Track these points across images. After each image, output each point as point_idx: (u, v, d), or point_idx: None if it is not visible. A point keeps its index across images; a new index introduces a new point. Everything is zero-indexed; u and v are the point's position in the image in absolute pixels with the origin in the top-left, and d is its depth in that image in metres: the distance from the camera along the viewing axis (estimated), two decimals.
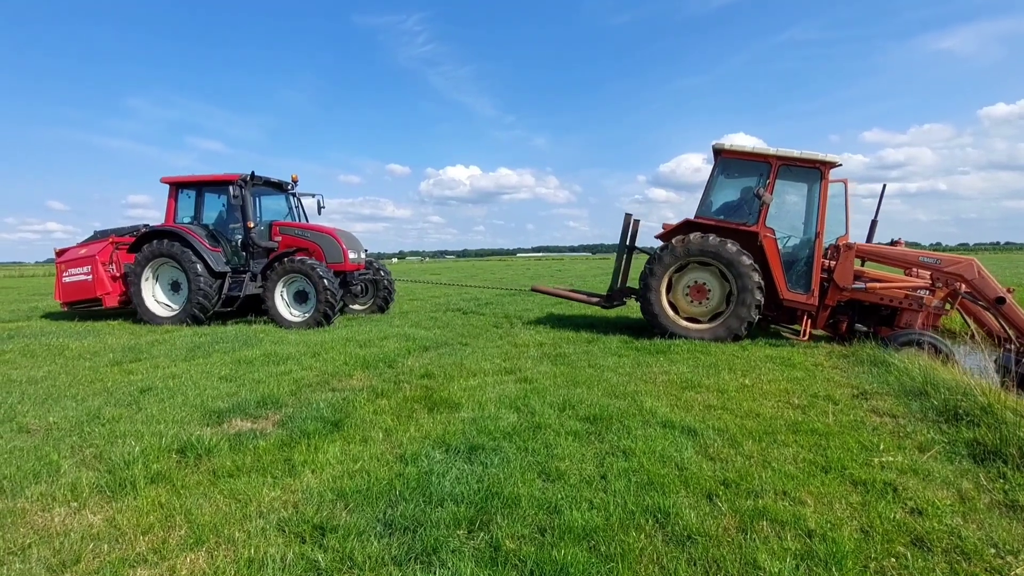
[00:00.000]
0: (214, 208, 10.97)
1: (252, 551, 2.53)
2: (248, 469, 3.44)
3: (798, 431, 4.13)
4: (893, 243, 8.57)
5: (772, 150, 7.97)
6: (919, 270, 7.89)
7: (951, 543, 2.63)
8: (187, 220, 10.87)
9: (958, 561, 2.50)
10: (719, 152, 8.32)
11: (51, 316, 11.59)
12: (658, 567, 2.46)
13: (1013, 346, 6.79)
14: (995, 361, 6.52)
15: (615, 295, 9.15)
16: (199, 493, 3.14)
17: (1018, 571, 2.42)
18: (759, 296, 7.73)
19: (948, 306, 7.63)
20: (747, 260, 7.76)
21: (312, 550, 2.56)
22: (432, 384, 5.51)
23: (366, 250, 11.55)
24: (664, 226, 8.58)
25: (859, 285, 7.69)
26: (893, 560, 2.50)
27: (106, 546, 2.63)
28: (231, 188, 9.98)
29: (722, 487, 3.21)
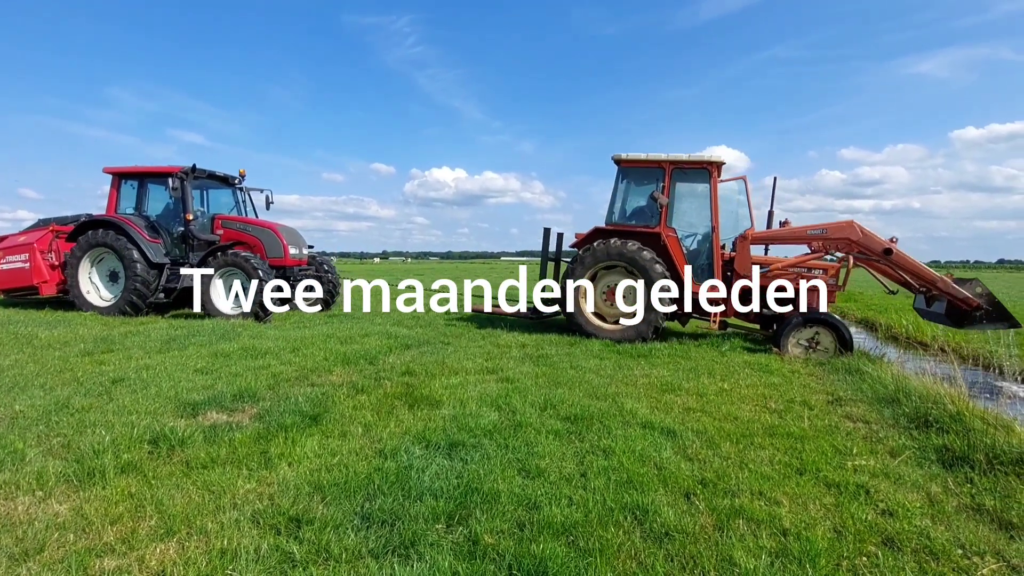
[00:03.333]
0: (161, 200, 10.86)
1: (225, 542, 2.48)
2: (223, 461, 3.37)
3: (774, 434, 4.19)
4: (782, 225, 8.93)
5: (664, 156, 8.52)
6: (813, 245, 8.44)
7: (920, 543, 2.69)
8: (130, 211, 10.78)
9: (927, 561, 2.56)
10: (618, 162, 8.88)
11: (18, 305, 11.23)
12: (636, 562, 2.47)
13: (924, 290, 7.75)
14: (913, 306, 7.64)
15: (539, 307, 9.58)
16: (171, 484, 3.06)
17: (984, 571, 2.49)
18: (668, 294, 8.17)
19: (840, 283, 8.19)
20: (649, 257, 8.24)
21: (287, 542, 2.52)
22: (413, 381, 5.47)
23: (311, 246, 11.61)
24: (577, 235, 9.10)
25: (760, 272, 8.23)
26: (865, 559, 2.55)
27: (72, 535, 2.55)
28: (170, 180, 9.97)
29: (700, 486, 3.24)
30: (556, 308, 9.37)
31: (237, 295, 9.94)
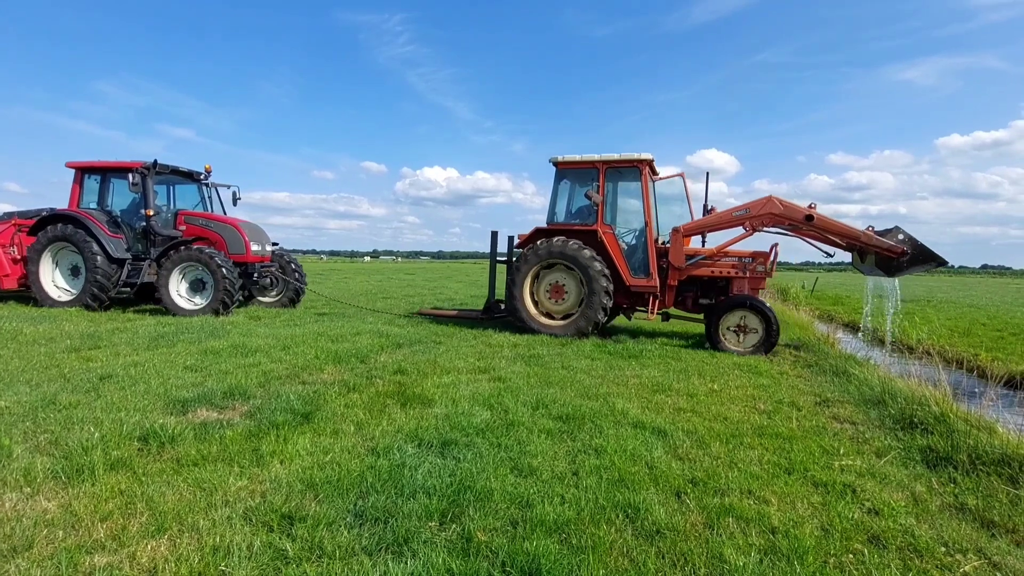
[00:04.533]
0: (125, 195, 10.78)
1: (217, 539, 2.47)
2: (214, 458, 3.36)
3: (763, 434, 4.25)
4: (708, 212, 9.27)
5: (597, 156, 8.84)
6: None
7: (905, 541, 2.74)
8: (93, 206, 10.73)
9: (911, 558, 2.61)
10: (556, 164, 9.20)
11: (2, 300, 11.06)
12: (628, 560, 2.49)
13: (851, 247, 8.07)
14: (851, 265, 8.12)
15: (492, 307, 9.97)
16: (162, 481, 3.04)
17: (966, 568, 2.54)
18: (607, 285, 8.45)
19: (769, 269, 8.52)
20: (587, 253, 8.49)
21: (280, 539, 2.51)
22: (405, 380, 5.46)
23: (276, 243, 11.71)
24: (519, 236, 9.36)
25: (692, 263, 8.65)
26: (851, 556, 2.60)
27: (61, 532, 2.52)
28: (130, 175, 9.93)
29: (690, 485, 3.27)
30: (500, 311, 9.67)
31: (198, 290, 10.00)
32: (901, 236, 7.78)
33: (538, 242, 8.87)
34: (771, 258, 8.47)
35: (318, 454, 3.48)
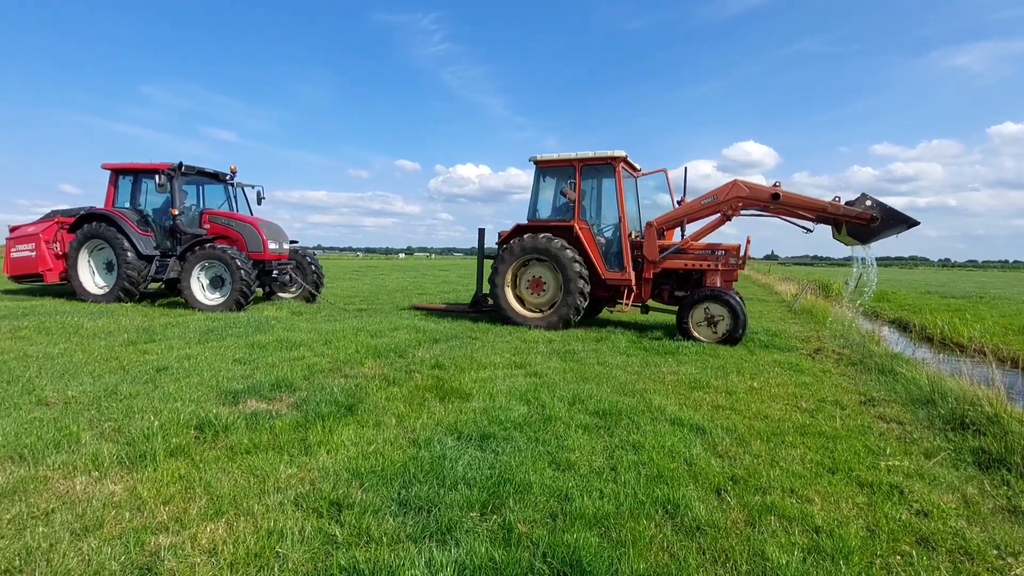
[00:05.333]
0: (157, 195, 11.32)
1: (271, 523, 2.60)
2: (265, 447, 3.51)
3: (806, 433, 4.17)
4: (679, 204, 9.36)
5: (573, 154, 9.14)
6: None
7: (955, 544, 2.67)
8: (126, 205, 11.35)
9: (961, 561, 2.54)
10: (535, 163, 9.52)
11: (62, 295, 11.73)
12: (668, 554, 2.51)
13: (822, 220, 8.13)
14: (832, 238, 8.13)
15: (480, 300, 10.30)
16: (218, 468, 3.21)
17: (1019, 571, 2.46)
18: (582, 282, 8.72)
19: (741, 260, 8.73)
20: (566, 250, 8.78)
21: (329, 524, 2.62)
22: (443, 375, 5.57)
23: (295, 241, 12.18)
24: (501, 233, 9.70)
25: (665, 255, 8.88)
26: (898, 557, 2.54)
27: (128, 513, 2.70)
28: (157, 176, 10.48)
29: (730, 483, 3.25)
30: (488, 305, 9.99)
31: (218, 287, 10.48)
32: (869, 203, 7.86)
33: (518, 238, 9.21)
34: (744, 250, 8.69)
35: (362, 445, 3.60)
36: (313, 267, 12.26)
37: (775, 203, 8.22)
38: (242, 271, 9.92)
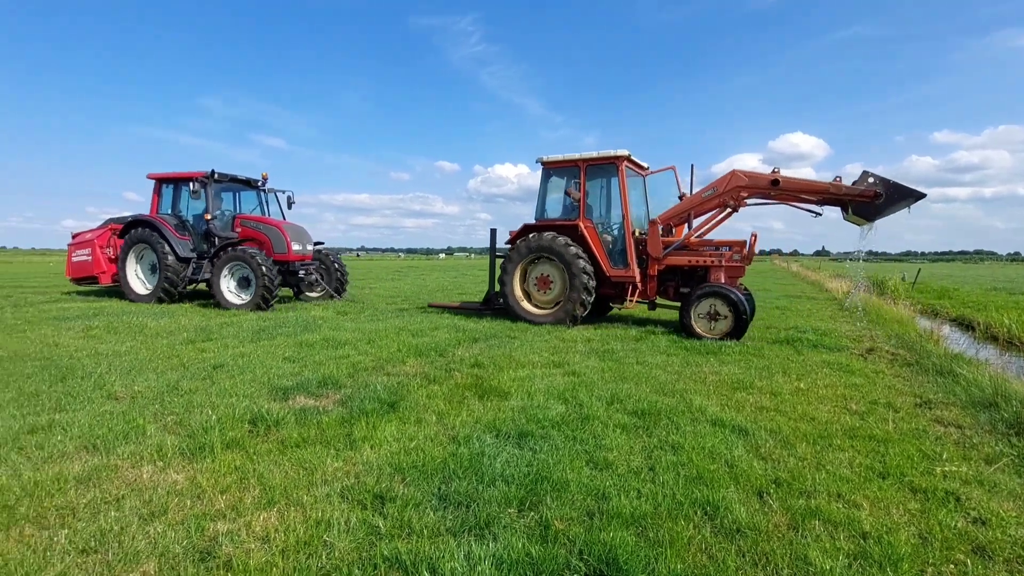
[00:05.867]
0: (196, 202, 12.05)
1: (319, 513, 2.73)
2: (313, 441, 3.68)
3: (855, 436, 4.03)
4: (680, 199, 9.41)
5: (578, 155, 9.33)
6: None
7: (1014, 553, 2.53)
8: (167, 211, 12.16)
9: (1020, 571, 2.41)
10: (542, 164, 9.76)
11: (96, 294, 12.49)
12: (706, 556, 2.49)
13: (827, 201, 8.08)
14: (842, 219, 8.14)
15: (492, 298, 10.46)
16: (269, 460, 3.38)
17: None
18: (586, 278, 8.86)
19: (747, 256, 8.70)
20: (571, 248, 8.96)
21: (373, 516, 2.73)
22: (482, 373, 5.66)
23: (320, 243, 12.71)
24: (510, 232, 9.91)
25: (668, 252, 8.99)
26: (952, 566, 2.44)
27: (189, 501, 2.88)
28: (191, 184, 11.20)
29: (773, 485, 3.18)
30: (499, 303, 10.21)
31: (244, 287, 11.03)
32: (871, 179, 7.78)
33: (526, 237, 9.43)
34: (748, 246, 8.68)
35: (404, 440, 3.72)
36: (337, 267, 12.78)
37: (776, 189, 8.23)
38: (264, 272, 10.45)
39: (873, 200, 7.70)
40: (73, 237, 13.54)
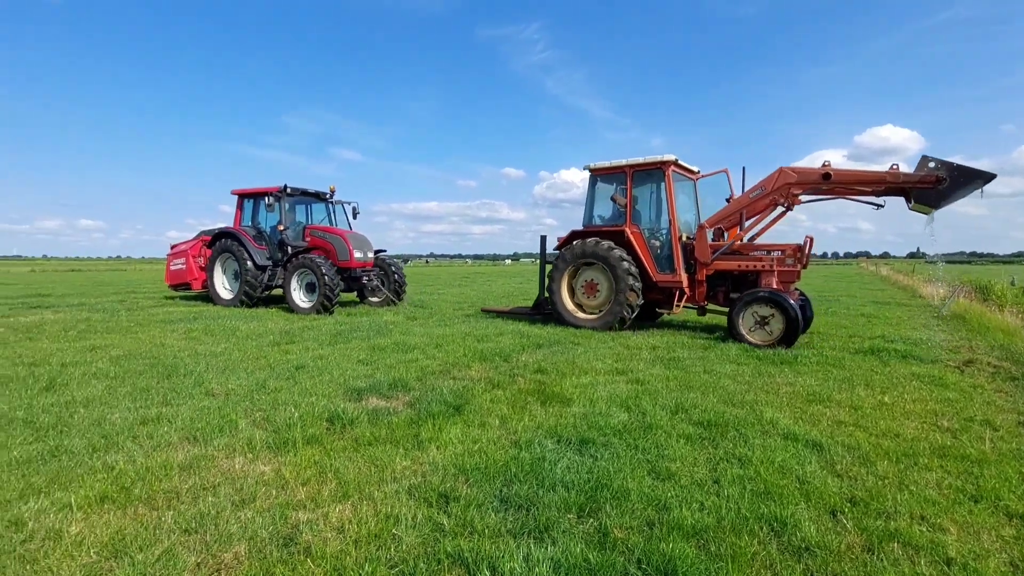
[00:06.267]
0: (273, 215, 13.10)
1: (389, 508, 2.91)
2: (383, 440, 3.90)
3: (945, 456, 3.73)
4: (727, 202, 9.26)
5: (625, 161, 9.40)
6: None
7: None
8: (248, 224, 13.34)
9: None
10: (590, 171, 9.89)
11: (187, 299, 13.63)
12: (770, 572, 2.42)
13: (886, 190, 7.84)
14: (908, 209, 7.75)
15: (542, 303, 10.53)
16: (344, 456, 3.62)
17: None
18: (632, 281, 8.89)
19: (802, 261, 8.42)
20: (615, 253, 9.00)
21: (438, 514, 2.87)
22: (545, 379, 5.72)
23: (382, 250, 13.43)
24: (558, 239, 10.02)
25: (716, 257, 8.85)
26: None
27: (274, 491, 3.15)
28: (266, 198, 12.29)
29: (848, 504, 3.03)
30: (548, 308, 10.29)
31: (311, 292, 11.82)
32: (932, 164, 7.42)
33: (573, 243, 9.53)
34: (805, 250, 8.39)
35: (468, 443, 3.85)
36: (396, 273, 13.45)
37: (828, 183, 7.99)
38: (326, 277, 11.20)
39: (936, 185, 7.33)
40: (171, 248, 15.28)
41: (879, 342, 8.17)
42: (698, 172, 10.02)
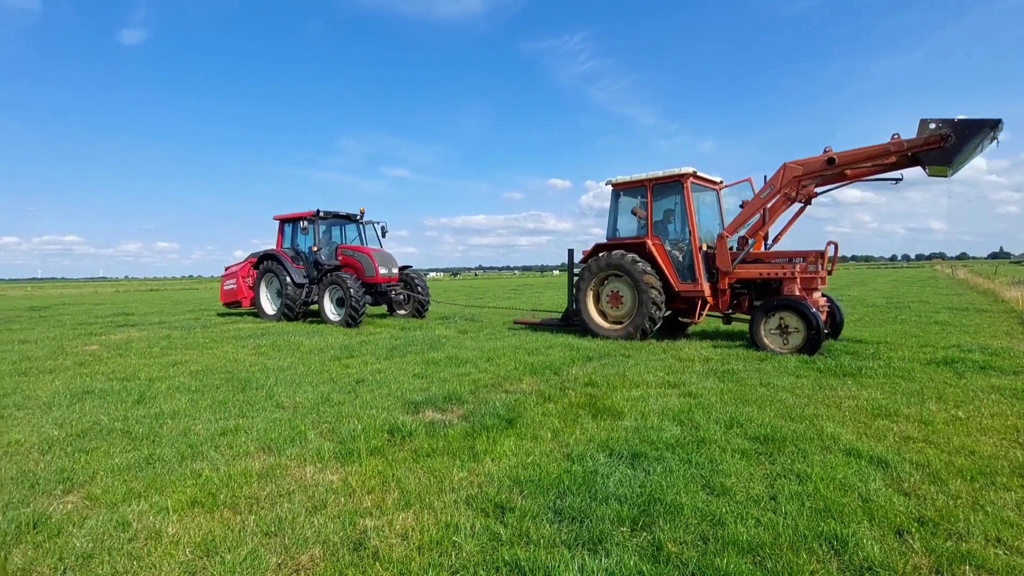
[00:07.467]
0: (310, 237, 14.08)
1: (448, 517, 3.05)
2: (441, 452, 4.07)
3: None
4: (741, 207, 9.27)
5: (645, 175, 9.64)
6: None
7: None
8: (287, 245, 14.47)
9: None
10: (612, 185, 10.21)
11: (237, 314, 14.40)
12: None
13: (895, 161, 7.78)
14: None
15: (570, 315, 10.81)
16: (405, 467, 3.81)
17: None
18: (655, 293, 9.07)
19: (827, 266, 8.50)
20: (638, 264, 9.23)
21: (494, 524, 2.99)
22: (595, 392, 5.77)
23: (408, 266, 14.28)
24: (583, 252, 10.37)
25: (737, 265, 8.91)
26: None
27: (343, 499, 3.37)
28: (302, 222, 13.27)
29: (916, 524, 2.93)
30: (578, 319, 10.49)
31: (341, 306, 12.69)
32: (933, 125, 7.34)
33: (597, 256, 9.82)
34: (827, 256, 8.45)
35: (521, 455, 3.97)
36: (420, 287, 14.20)
37: (833, 167, 8.04)
38: (352, 293, 12.04)
39: (942, 144, 7.21)
40: (225, 270, 16.77)
41: (954, 352, 7.70)
42: (721, 182, 10.19)
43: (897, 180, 8.07)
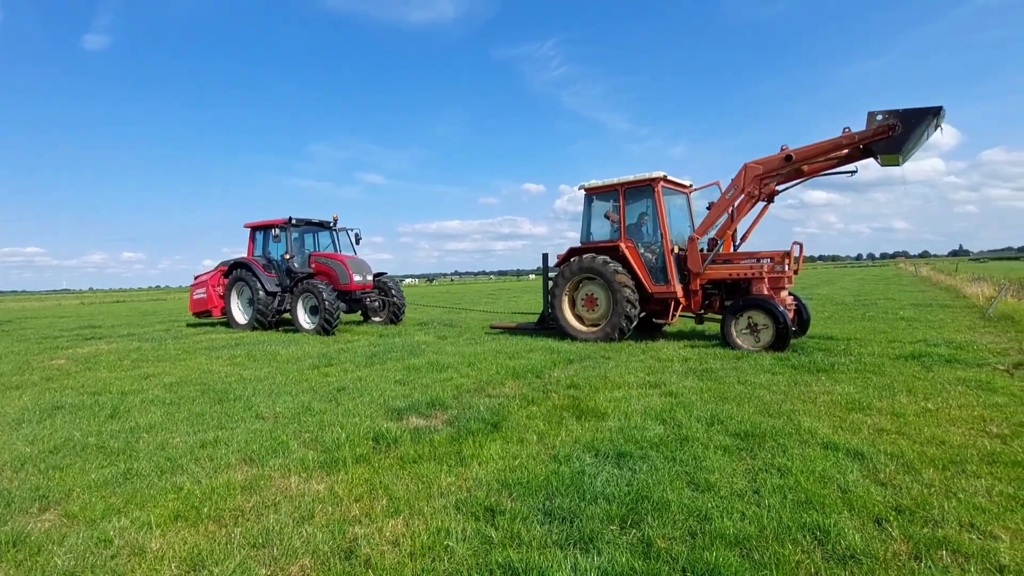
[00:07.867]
0: (281, 245, 13.91)
1: (439, 522, 3.04)
2: (427, 458, 4.05)
3: (995, 462, 3.68)
4: (708, 208, 9.52)
5: (616, 180, 9.87)
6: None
7: None
8: (258, 253, 14.27)
9: None
10: (584, 190, 10.38)
11: (209, 325, 14.11)
12: None
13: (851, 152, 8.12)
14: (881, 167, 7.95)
15: (546, 318, 10.98)
16: (392, 474, 3.78)
17: None
18: (629, 293, 9.24)
19: (791, 267, 8.80)
20: (611, 267, 9.38)
21: (485, 527, 2.99)
22: (578, 394, 5.81)
23: (382, 273, 14.25)
24: (558, 256, 10.50)
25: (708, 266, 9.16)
26: None
27: (331, 508, 3.32)
28: (273, 230, 13.27)
29: (893, 512, 3.03)
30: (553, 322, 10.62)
31: (315, 314, 12.59)
32: (879, 116, 7.68)
33: (571, 259, 9.97)
34: (793, 255, 8.80)
35: (508, 459, 3.97)
36: (395, 294, 14.15)
37: (792, 164, 8.32)
38: (326, 301, 11.95)
39: (890, 133, 7.56)
40: (194, 279, 16.38)
41: (921, 346, 8.00)
42: (690, 185, 10.48)
43: (852, 172, 8.44)
